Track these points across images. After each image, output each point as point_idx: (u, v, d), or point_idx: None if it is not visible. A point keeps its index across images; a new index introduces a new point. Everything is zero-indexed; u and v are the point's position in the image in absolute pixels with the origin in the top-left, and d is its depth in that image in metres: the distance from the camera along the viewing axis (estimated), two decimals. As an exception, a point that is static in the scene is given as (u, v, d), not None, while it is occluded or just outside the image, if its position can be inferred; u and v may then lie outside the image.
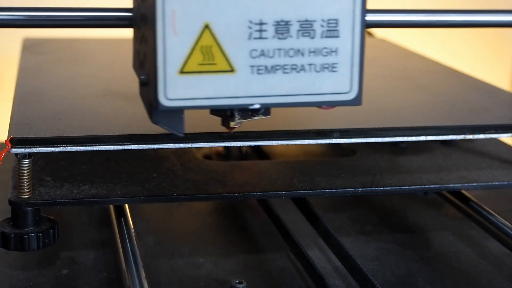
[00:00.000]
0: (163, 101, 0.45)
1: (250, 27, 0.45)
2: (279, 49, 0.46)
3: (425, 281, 0.61)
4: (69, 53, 0.90)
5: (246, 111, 0.49)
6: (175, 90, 0.45)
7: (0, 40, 1.16)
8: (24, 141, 0.56)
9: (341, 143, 0.63)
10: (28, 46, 0.90)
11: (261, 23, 0.45)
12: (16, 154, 0.57)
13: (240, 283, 0.57)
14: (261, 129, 0.59)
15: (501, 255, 0.66)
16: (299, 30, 0.46)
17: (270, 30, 0.46)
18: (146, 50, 0.47)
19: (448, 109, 0.69)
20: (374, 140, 0.62)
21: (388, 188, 0.63)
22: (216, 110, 0.49)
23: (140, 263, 0.55)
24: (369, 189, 0.63)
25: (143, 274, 0.54)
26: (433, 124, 0.64)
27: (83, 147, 0.57)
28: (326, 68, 0.47)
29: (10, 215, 0.58)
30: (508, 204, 0.78)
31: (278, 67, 0.46)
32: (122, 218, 0.62)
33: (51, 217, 0.60)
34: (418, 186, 0.64)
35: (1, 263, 0.63)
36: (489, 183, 0.65)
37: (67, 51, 0.90)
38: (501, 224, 0.64)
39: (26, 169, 0.57)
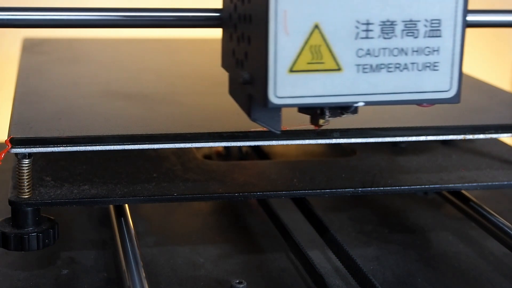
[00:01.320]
0: (273, 99, 0.46)
1: (357, 27, 0.46)
2: (384, 49, 0.47)
3: (425, 281, 0.61)
4: (69, 53, 0.90)
5: (336, 109, 0.50)
6: (284, 88, 0.46)
7: (0, 40, 1.16)
8: (24, 141, 0.56)
9: (341, 143, 0.63)
10: (28, 46, 0.90)
11: (367, 23, 0.47)
12: (16, 154, 0.57)
13: (240, 283, 0.57)
14: (261, 129, 0.59)
15: (501, 255, 0.66)
16: (403, 30, 0.47)
17: (376, 30, 0.47)
18: (248, 49, 0.48)
19: (448, 109, 0.69)
20: (374, 140, 0.62)
21: (388, 188, 0.63)
22: (305, 108, 0.50)
23: (140, 263, 0.55)
24: (369, 189, 0.63)
25: (143, 274, 0.54)
26: (433, 124, 0.64)
27: (83, 147, 0.57)
28: (428, 67, 0.48)
29: (10, 215, 0.58)
30: (508, 204, 0.78)
31: (382, 66, 0.48)
32: (122, 218, 0.62)
33: (51, 217, 0.60)
34: (418, 186, 0.64)
35: (1, 263, 0.63)
36: (489, 183, 0.65)
37: (67, 51, 0.90)
38: (501, 224, 0.64)
39: (26, 169, 0.57)
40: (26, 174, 0.57)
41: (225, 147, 0.77)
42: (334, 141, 0.61)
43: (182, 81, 0.77)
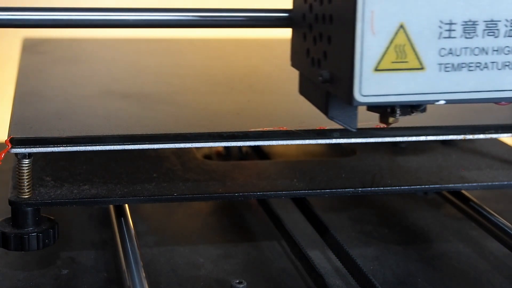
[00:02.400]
0: (358, 97, 0.47)
1: (440, 27, 0.47)
2: (466, 48, 0.48)
3: (425, 281, 0.61)
4: (69, 53, 0.90)
5: (407, 108, 0.51)
6: (369, 87, 0.47)
7: (0, 40, 1.16)
8: (24, 141, 0.56)
9: (341, 143, 0.63)
10: (28, 46, 0.90)
11: (450, 23, 0.48)
12: (16, 154, 0.57)
13: (240, 283, 0.57)
14: (261, 129, 0.59)
15: (501, 255, 0.66)
16: (484, 30, 0.48)
17: (458, 29, 0.48)
18: (328, 48, 0.50)
19: (448, 109, 0.69)
20: (374, 140, 0.62)
21: (388, 188, 0.63)
22: (374, 106, 0.51)
23: (140, 263, 0.55)
24: (369, 189, 0.63)
25: (143, 274, 0.54)
26: (433, 124, 0.64)
27: (83, 147, 0.57)
28: (507, 65, 0.49)
29: (10, 215, 0.58)
30: (508, 204, 0.78)
31: (463, 65, 0.49)
32: (122, 218, 0.62)
33: (51, 217, 0.60)
34: (418, 186, 0.64)
35: (1, 263, 0.63)
36: (489, 183, 0.65)
37: (67, 51, 0.90)
38: (501, 224, 0.64)
39: (26, 169, 0.57)
40: (26, 174, 0.57)
41: (225, 147, 0.77)
42: (334, 141, 0.61)
43: (182, 81, 0.77)
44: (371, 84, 0.47)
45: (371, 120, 0.64)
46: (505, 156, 0.71)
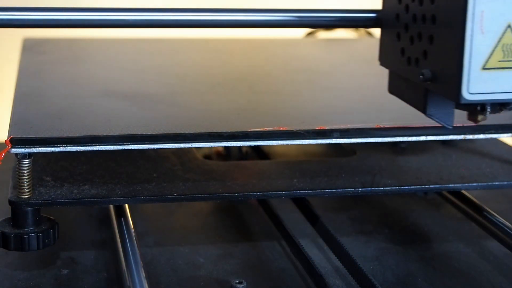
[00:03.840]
0: (466, 95, 0.49)
1: None
2: None
3: (425, 281, 0.61)
4: (69, 53, 0.90)
5: (496, 106, 0.53)
6: (477, 85, 0.49)
7: (0, 40, 1.16)
8: (24, 141, 0.56)
9: (341, 143, 0.63)
10: (28, 46, 0.90)
11: None
12: (16, 154, 0.57)
13: (240, 283, 0.57)
14: (261, 129, 0.59)
15: (501, 255, 0.66)
16: None
17: None
18: (428, 48, 0.51)
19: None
20: (374, 140, 0.62)
21: (388, 188, 0.63)
22: (464, 104, 0.52)
23: (140, 263, 0.55)
24: (369, 189, 0.63)
25: (143, 274, 0.54)
26: (433, 124, 0.64)
27: (83, 147, 0.57)
28: None
29: (10, 215, 0.58)
30: (508, 204, 0.78)
31: None
32: (122, 218, 0.62)
33: (51, 217, 0.60)
34: (418, 186, 0.64)
35: (1, 263, 0.63)
36: (489, 183, 0.65)
37: (67, 51, 0.90)
38: (501, 224, 0.64)
39: (26, 169, 0.57)
40: (26, 174, 0.57)
41: (225, 147, 0.77)
42: (334, 141, 0.61)
43: (182, 81, 0.77)
44: (479, 83, 0.49)
45: (370, 121, 0.64)
46: (505, 156, 0.71)
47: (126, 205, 0.63)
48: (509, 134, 0.64)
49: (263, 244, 0.68)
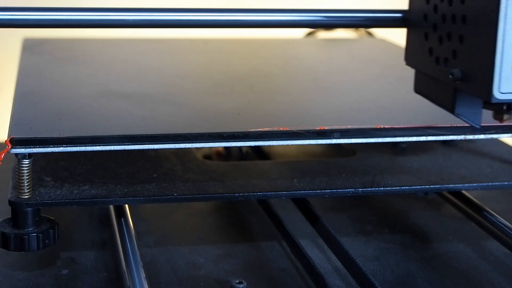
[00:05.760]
0: (497, 94, 0.49)
1: None
2: None
3: (425, 281, 0.61)
4: (69, 53, 0.90)
5: None
6: (508, 84, 0.49)
7: (0, 40, 1.16)
8: (24, 141, 0.56)
9: (341, 143, 0.63)
10: (28, 46, 0.90)
11: None
12: (16, 154, 0.57)
13: (240, 283, 0.57)
14: (261, 130, 0.59)
15: (501, 255, 0.66)
16: None
17: None
18: (458, 47, 0.52)
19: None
20: (374, 140, 0.62)
21: (388, 188, 0.63)
22: (490, 104, 0.53)
23: (140, 263, 0.55)
24: (369, 189, 0.63)
25: (143, 274, 0.54)
26: (433, 124, 0.64)
27: (83, 147, 0.57)
28: None
29: (10, 215, 0.58)
30: (508, 204, 0.78)
31: None
32: (122, 218, 0.62)
33: (51, 217, 0.60)
34: (418, 186, 0.64)
35: (1, 263, 0.63)
36: (489, 183, 0.65)
37: (67, 51, 0.90)
38: (501, 224, 0.64)
39: (26, 169, 0.57)
40: (26, 174, 0.57)
41: (225, 147, 0.77)
42: (334, 141, 0.61)
43: (182, 81, 0.77)
44: (510, 82, 0.49)
45: (370, 121, 0.64)
46: (505, 156, 0.71)
47: (126, 205, 0.63)
48: (510, 135, 0.64)
49: (263, 244, 0.68)
